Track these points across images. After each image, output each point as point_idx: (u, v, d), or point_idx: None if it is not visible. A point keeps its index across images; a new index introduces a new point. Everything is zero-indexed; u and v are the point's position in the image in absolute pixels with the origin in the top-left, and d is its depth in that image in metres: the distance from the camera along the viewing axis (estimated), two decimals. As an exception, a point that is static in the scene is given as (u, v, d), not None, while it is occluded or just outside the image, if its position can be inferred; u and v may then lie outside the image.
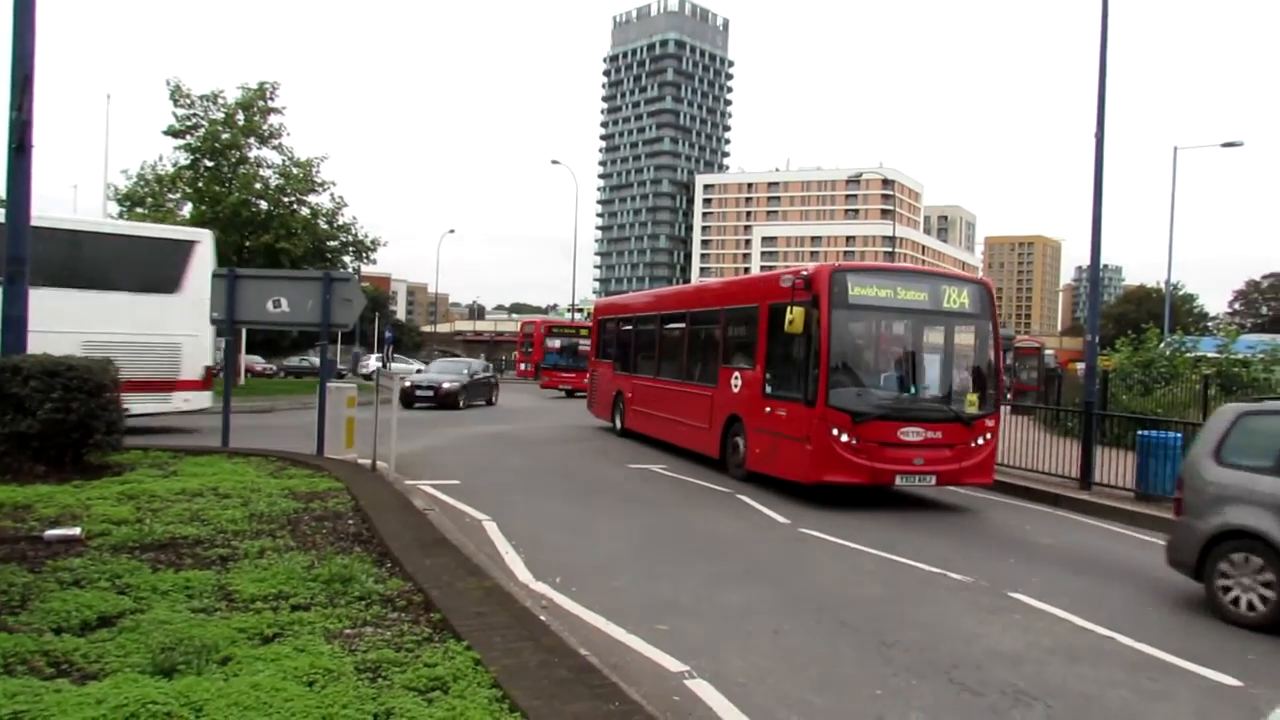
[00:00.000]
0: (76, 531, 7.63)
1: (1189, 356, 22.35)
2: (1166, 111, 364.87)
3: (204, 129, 33.55)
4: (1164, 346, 24.24)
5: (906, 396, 12.50)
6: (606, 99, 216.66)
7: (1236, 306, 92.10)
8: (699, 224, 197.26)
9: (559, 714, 4.28)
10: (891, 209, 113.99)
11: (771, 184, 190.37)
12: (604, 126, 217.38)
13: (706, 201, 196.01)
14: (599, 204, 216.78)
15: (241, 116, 33.97)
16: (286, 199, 35.18)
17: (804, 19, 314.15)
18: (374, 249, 37.68)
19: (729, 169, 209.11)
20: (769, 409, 13.05)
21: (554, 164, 60.97)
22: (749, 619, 6.92)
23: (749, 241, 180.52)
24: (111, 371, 11.67)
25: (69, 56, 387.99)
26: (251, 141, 34.74)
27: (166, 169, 35.51)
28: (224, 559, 7.12)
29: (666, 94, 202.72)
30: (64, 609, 5.53)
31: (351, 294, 14.38)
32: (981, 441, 12.42)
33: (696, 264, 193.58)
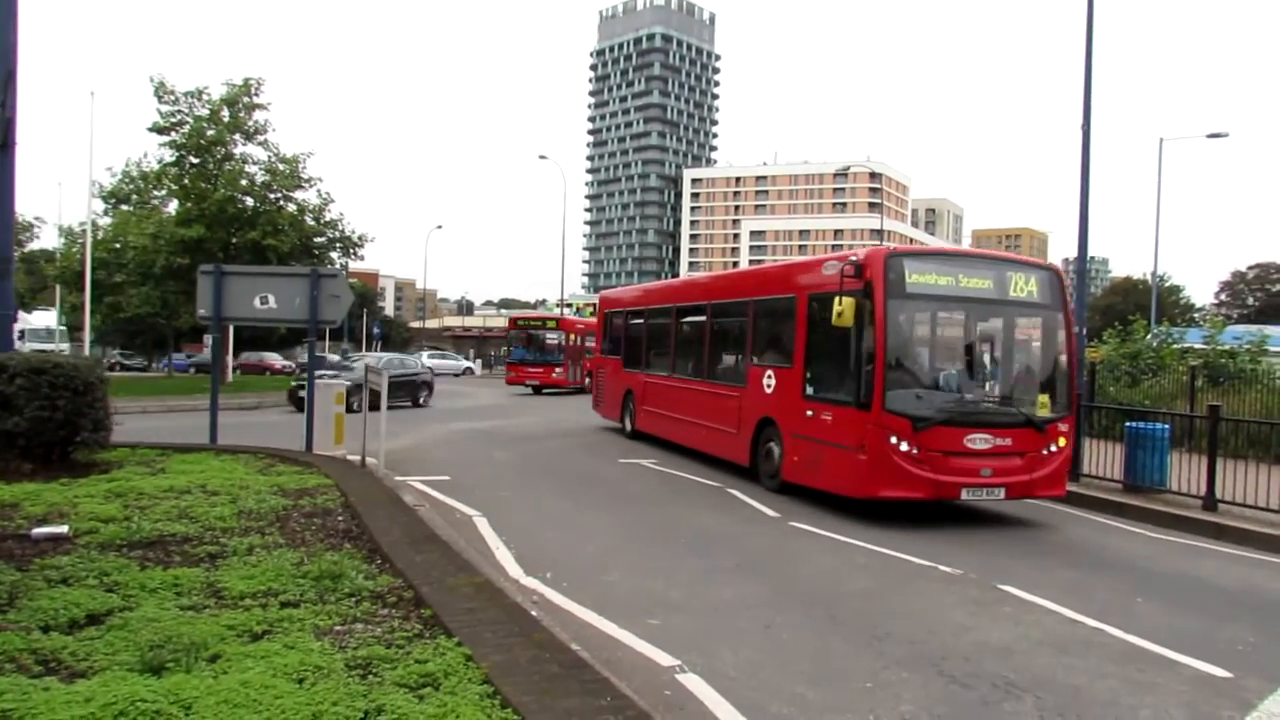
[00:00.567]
0: (64, 529, 7.58)
1: (1176, 348, 22.44)
2: (1152, 103, 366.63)
3: (189, 125, 33.31)
4: (1151, 338, 24.34)
5: (972, 398, 11.20)
6: (593, 93, 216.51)
7: (1223, 297, 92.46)
8: (687, 218, 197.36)
9: (550, 710, 4.27)
10: (879, 202, 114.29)
11: (759, 178, 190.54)
12: (591, 121, 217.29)
13: (694, 196, 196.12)
14: (587, 199, 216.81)
15: (226, 113, 33.71)
16: (273, 195, 34.97)
17: (789, 12, 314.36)
18: (361, 245, 37.50)
19: (716, 163, 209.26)
20: (810, 412, 11.68)
21: (542, 159, 61.03)
22: (740, 613, 6.93)
23: (737, 236, 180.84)
24: (98, 370, 11.63)
25: (52, 53, 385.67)
26: (237, 138, 34.50)
27: (152, 166, 35.37)
28: (213, 556, 7.09)
29: (653, 88, 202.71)
30: (52, 607, 5.49)
31: (339, 290, 14.35)
32: (1054, 449, 11.14)
33: (685, 258, 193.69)
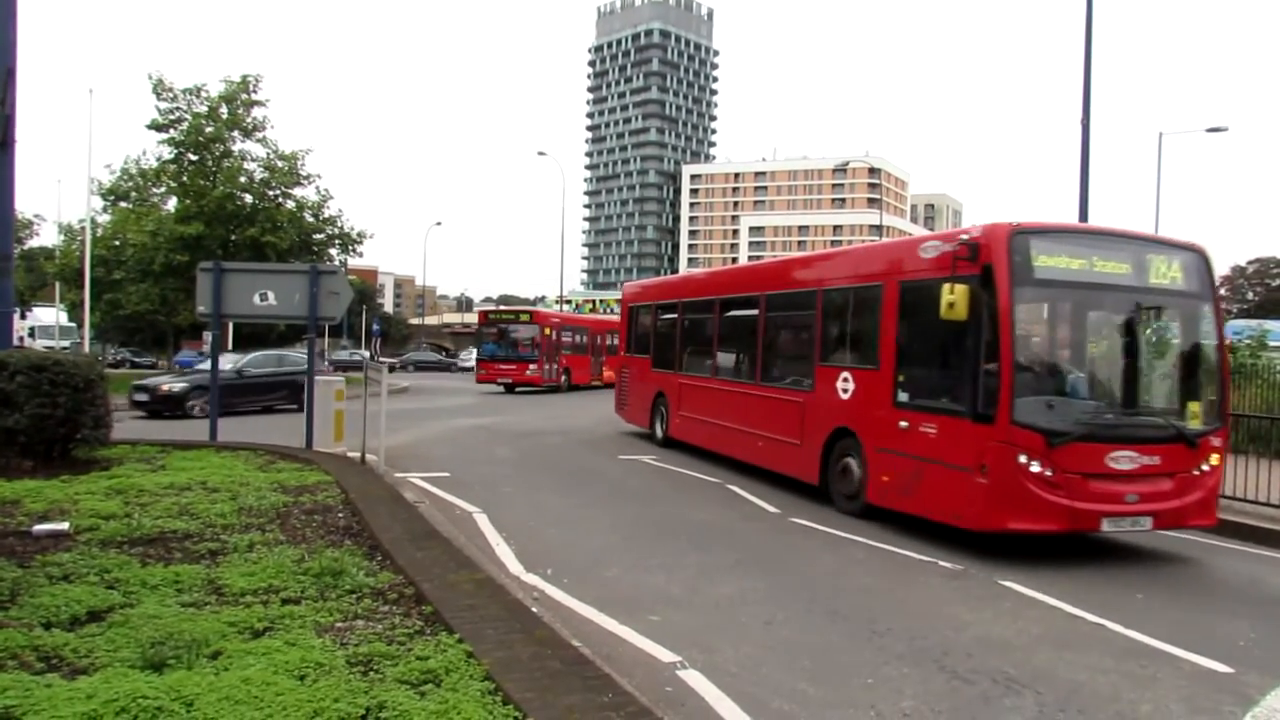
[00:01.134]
0: (65, 526, 7.59)
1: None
2: (1152, 97, 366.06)
3: (187, 123, 33.28)
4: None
5: (1113, 408, 9.33)
6: (592, 90, 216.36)
7: (1223, 292, 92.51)
8: (686, 214, 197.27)
9: (552, 706, 4.28)
10: (878, 198, 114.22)
11: (758, 174, 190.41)
12: (590, 117, 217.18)
13: (693, 192, 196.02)
14: (586, 195, 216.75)
15: (225, 110, 33.71)
16: (271, 192, 34.99)
17: (787, 8, 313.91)
18: (360, 242, 37.54)
19: (715, 159, 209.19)
20: (905, 423, 9.82)
21: (540, 155, 60.97)
22: (741, 609, 6.93)
23: (736, 232, 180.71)
24: (98, 367, 11.64)
25: (51, 51, 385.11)
26: (235, 135, 34.48)
27: (150, 163, 35.33)
28: (213, 553, 7.09)
29: (652, 84, 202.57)
30: (53, 604, 5.50)
31: (338, 287, 14.35)
32: (1206, 468, 9.29)
33: (684, 254, 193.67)
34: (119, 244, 37.93)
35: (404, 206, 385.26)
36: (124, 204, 37.33)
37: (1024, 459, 8.54)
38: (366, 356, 36.77)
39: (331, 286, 14.20)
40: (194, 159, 34.01)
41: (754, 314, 13.95)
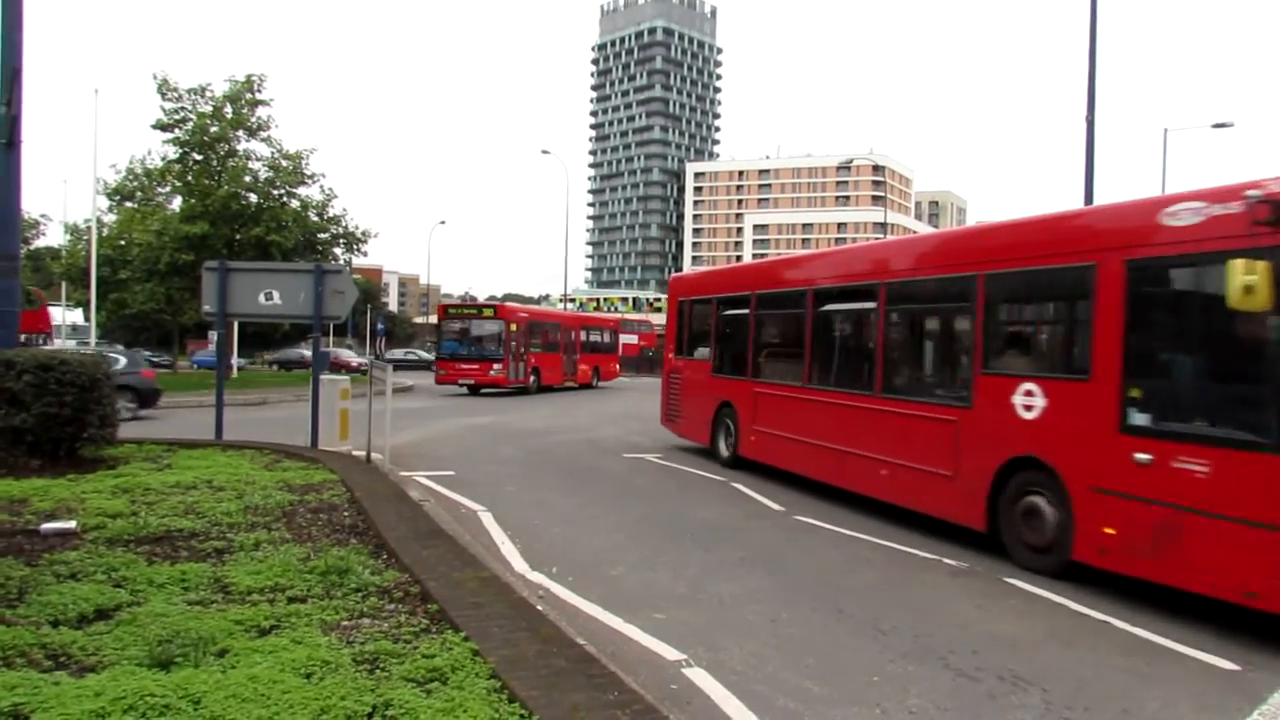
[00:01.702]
0: (72, 525, 7.62)
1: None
2: (1157, 93, 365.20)
3: (192, 122, 33.43)
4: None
5: None
6: (595, 87, 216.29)
7: None
8: (690, 212, 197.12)
9: (558, 704, 4.28)
10: (882, 195, 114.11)
11: (762, 171, 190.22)
12: (593, 115, 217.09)
13: (697, 190, 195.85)
14: (590, 193, 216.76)
15: (229, 109, 33.83)
16: (276, 191, 35.11)
17: (791, 5, 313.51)
18: (365, 241, 37.66)
19: (719, 157, 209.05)
20: (1145, 456, 7.26)
21: (544, 154, 60.94)
22: (746, 607, 6.93)
23: (740, 230, 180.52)
24: (105, 366, 11.67)
25: (57, 51, 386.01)
26: (240, 134, 34.65)
27: (155, 163, 35.53)
28: (219, 552, 7.11)
29: (655, 82, 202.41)
30: (61, 602, 5.52)
31: (343, 286, 14.36)
32: None
33: (688, 252, 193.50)
34: (124, 244, 38.07)
35: (408, 205, 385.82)
36: (129, 204, 37.45)
37: None
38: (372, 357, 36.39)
39: (336, 285, 14.21)
40: (199, 158, 34.15)
41: (869, 307, 11.33)
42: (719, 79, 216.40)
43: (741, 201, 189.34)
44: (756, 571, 8.06)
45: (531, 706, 4.23)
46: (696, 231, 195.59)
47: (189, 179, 34.06)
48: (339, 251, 37.31)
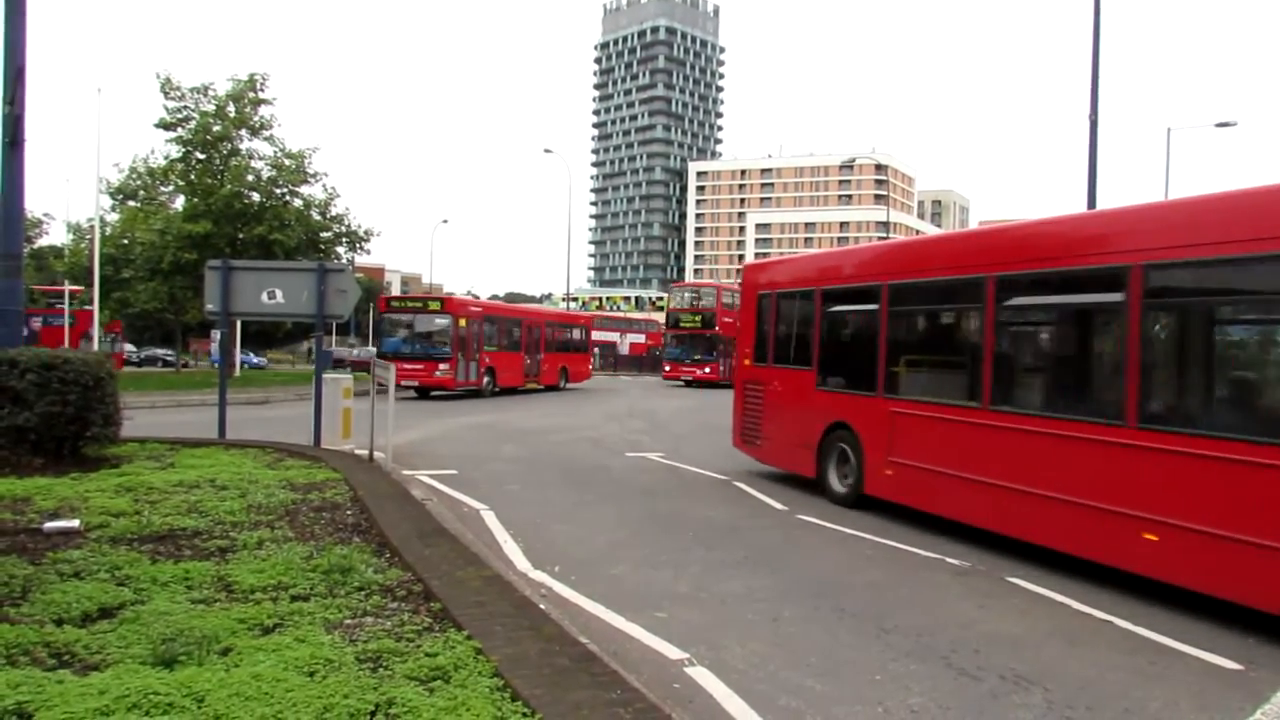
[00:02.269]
0: (75, 524, 7.63)
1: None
2: (1160, 93, 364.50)
3: (195, 121, 33.46)
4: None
5: None
6: (598, 86, 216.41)
7: None
8: (692, 211, 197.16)
9: (560, 702, 4.29)
10: (885, 194, 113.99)
11: (765, 170, 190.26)
12: (596, 114, 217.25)
13: (700, 189, 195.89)
14: (592, 192, 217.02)
15: (232, 108, 33.87)
16: (279, 190, 35.12)
17: (793, 4, 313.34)
18: (367, 240, 37.63)
19: (721, 156, 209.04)
20: None
21: (547, 153, 60.91)
22: (748, 606, 6.94)
23: (743, 229, 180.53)
24: (108, 364, 11.69)
25: (60, 50, 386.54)
26: (243, 133, 34.67)
27: (158, 162, 35.51)
28: (223, 550, 7.12)
29: (658, 81, 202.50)
30: (65, 600, 5.53)
31: (346, 285, 14.35)
32: None
33: (690, 251, 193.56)
34: (127, 243, 38.13)
35: (411, 204, 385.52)
36: (132, 203, 37.49)
37: None
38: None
39: (339, 284, 14.21)
40: (201, 157, 34.18)
41: (1111, 301, 8.07)
42: (721, 78, 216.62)
43: (744, 201, 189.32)
44: (759, 570, 8.06)
45: (534, 705, 4.24)
46: (699, 230, 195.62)
47: (192, 178, 34.10)
48: (342, 250, 37.29)
